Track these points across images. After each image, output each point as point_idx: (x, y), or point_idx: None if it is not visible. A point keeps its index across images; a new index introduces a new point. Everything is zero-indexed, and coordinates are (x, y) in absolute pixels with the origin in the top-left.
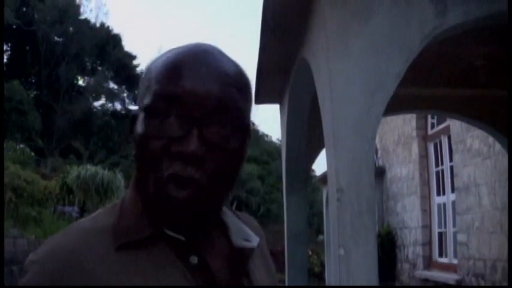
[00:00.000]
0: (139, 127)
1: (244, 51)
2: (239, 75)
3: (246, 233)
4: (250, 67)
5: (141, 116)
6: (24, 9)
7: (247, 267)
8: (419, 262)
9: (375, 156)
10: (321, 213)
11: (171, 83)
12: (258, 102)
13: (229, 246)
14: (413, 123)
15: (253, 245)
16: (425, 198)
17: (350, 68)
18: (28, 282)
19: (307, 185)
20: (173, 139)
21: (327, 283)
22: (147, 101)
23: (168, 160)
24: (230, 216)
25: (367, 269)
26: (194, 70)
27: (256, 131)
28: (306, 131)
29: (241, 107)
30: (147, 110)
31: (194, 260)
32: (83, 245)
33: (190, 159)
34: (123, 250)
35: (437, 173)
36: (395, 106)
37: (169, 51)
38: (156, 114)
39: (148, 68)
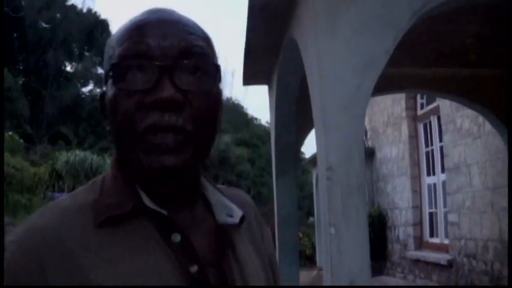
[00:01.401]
0: (109, 94)
1: (231, 32)
2: (198, 26)
3: (228, 208)
4: (237, 48)
5: (109, 83)
6: None
7: (232, 244)
8: (411, 243)
9: (364, 137)
10: (311, 195)
11: (134, 42)
12: (246, 83)
13: (214, 223)
14: (403, 103)
15: (234, 221)
16: (416, 179)
17: (338, 46)
18: (6, 263)
19: (297, 167)
20: (145, 92)
21: (319, 265)
22: (111, 65)
23: (142, 114)
24: (212, 191)
25: (358, 248)
26: (154, 26)
27: (245, 115)
28: (295, 111)
29: (206, 51)
30: (113, 71)
31: (177, 237)
32: (60, 222)
33: (166, 106)
34: (103, 227)
35: (427, 153)
36: (384, 86)
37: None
38: (124, 74)
39: (108, 41)
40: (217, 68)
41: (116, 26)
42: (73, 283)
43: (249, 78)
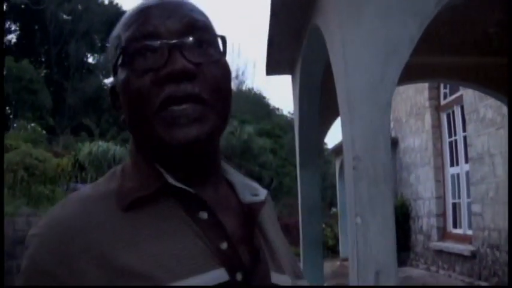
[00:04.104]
0: (120, 79)
1: (254, 22)
2: (197, 6)
3: (253, 188)
4: (260, 39)
5: (119, 70)
6: None
7: (259, 223)
8: (434, 233)
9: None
10: (334, 186)
11: (140, 25)
12: (269, 73)
13: (238, 203)
14: (426, 93)
15: (261, 199)
16: (439, 169)
17: (363, 33)
18: (30, 256)
19: (320, 157)
20: (157, 69)
21: (341, 256)
22: (121, 48)
23: (157, 89)
24: (234, 174)
25: (385, 238)
26: (157, 9)
27: (267, 105)
28: (318, 101)
29: (209, 25)
30: (123, 55)
31: (204, 215)
32: (83, 212)
33: (180, 77)
34: (128, 211)
35: (450, 143)
36: (407, 75)
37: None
38: (134, 57)
39: (112, 34)
40: (223, 40)
41: None
42: (103, 270)
43: (272, 68)
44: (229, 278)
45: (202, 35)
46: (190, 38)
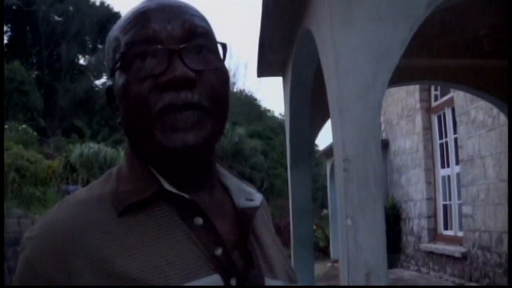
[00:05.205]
0: (118, 83)
1: (245, 23)
2: (197, 9)
3: (248, 193)
4: (251, 40)
5: (117, 73)
6: None
7: (253, 228)
8: (425, 235)
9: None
10: (325, 187)
11: (140, 29)
12: (260, 75)
13: (233, 208)
14: (417, 95)
15: (256, 204)
16: (430, 171)
17: (354, 36)
18: (26, 259)
19: (311, 159)
20: (157, 75)
21: (332, 257)
22: (120, 53)
23: (157, 95)
24: (230, 178)
25: (375, 239)
26: (157, 12)
27: (259, 107)
28: (309, 103)
29: (210, 31)
30: (122, 59)
31: (199, 221)
32: (79, 215)
33: (181, 85)
34: (124, 216)
35: (441, 145)
36: (398, 77)
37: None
38: (133, 61)
39: (110, 34)
40: (223, 46)
41: None
42: (99, 274)
43: (263, 69)
44: (224, 283)
45: (203, 41)
46: (191, 44)
